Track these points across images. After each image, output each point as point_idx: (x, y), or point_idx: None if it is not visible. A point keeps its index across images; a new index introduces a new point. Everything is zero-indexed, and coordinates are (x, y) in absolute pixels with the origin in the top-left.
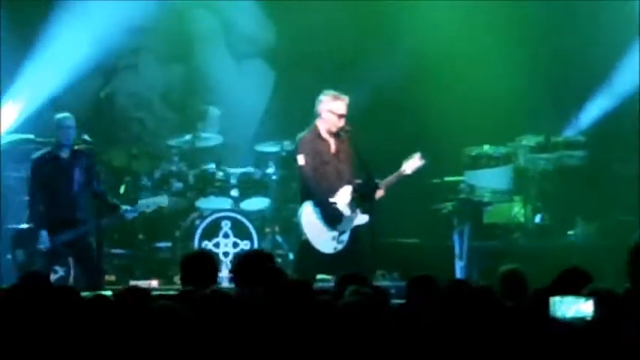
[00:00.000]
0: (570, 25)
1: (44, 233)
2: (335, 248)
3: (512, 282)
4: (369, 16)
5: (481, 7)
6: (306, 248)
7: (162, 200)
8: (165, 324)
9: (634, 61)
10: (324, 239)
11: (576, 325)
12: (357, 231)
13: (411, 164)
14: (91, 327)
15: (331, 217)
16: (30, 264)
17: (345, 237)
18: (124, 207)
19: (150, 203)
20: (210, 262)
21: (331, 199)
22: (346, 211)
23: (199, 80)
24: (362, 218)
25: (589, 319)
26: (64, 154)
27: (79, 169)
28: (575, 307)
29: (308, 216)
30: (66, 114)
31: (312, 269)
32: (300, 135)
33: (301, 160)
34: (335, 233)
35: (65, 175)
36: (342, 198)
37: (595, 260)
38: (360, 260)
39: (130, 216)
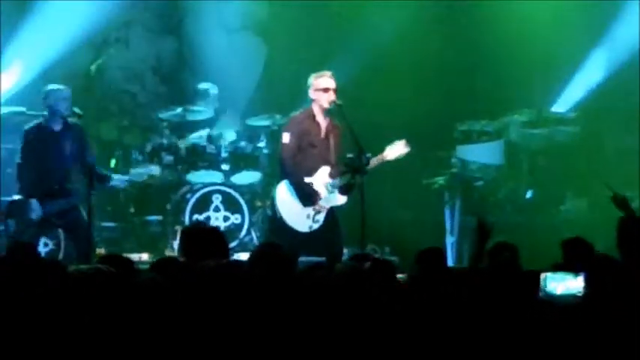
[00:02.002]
0: (561, 3)
1: (34, 202)
2: (310, 227)
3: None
4: None
5: None
6: (279, 226)
7: (155, 170)
8: (150, 296)
9: (625, 32)
10: (298, 217)
11: (566, 302)
12: (334, 212)
13: (395, 150)
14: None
15: (306, 196)
16: (21, 234)
17: (321, 217)
18: (116, 176)
19: (142, 172)
20: (218, 237)
21: (308, 179)
22: (323, 191)
23: (190, 53)
24: (340, 199)
25: (579, 295)
26: (57, 126)
27: (71, 141)
28: (565, 284)
29: (282, 194)
30: (61, 86)
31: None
32: (294, 113)
33: (285, 137)
34: (310, 212)
35: (57, 146)
36: (320, 178)
37: (586, 235)
38: (335, 241)
39: (121, 184)
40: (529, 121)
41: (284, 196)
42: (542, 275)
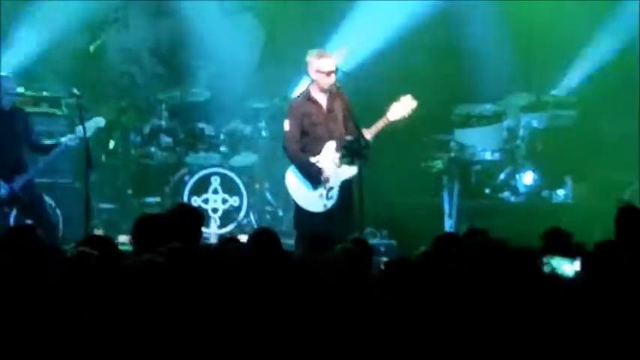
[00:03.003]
0: None
1: (1, 182)
2: (325, 206)
3: None
4: None
5: None
6: (299, 212)
7: (100, 121)
8: (145, 278)
9: (626, 17)
10: (311, 200)
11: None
12: (346, 186)
13: (400, 108)
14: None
15: (314, 177)
16: None
17: (334, 193)
18: (62, 139)
19: (88, 126)
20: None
21: (314, 158)
22: (330, 167)
23: (188, 35)
24: (349, 171)
25: (575, 278)
26: (5, 109)
27: (17, 122)
28: (562, 268)
29: (291, 181)
30: (5, 74)
31: (309, 231)
32: (292, 98)
33: (287, 125)
34: (322, 191)
35: (7, 127)
36: (327, 154)
37: (584, 219)
38: (352, 216)
39: (71, 142)
40: (528, 105)
41: (293, 182)
42: (543, 259)
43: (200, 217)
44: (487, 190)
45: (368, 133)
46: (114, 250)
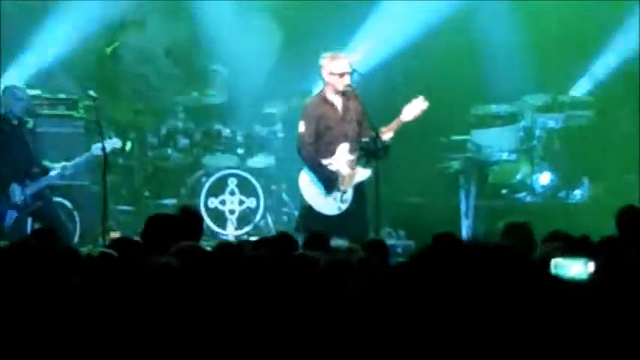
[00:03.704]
0: None
1: (16, 186)
2: (339, 208)
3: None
4: None
5: None
6: (310, 213)
7: (116, 142)
8: (163, 281)
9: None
10: (325, 202)
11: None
12: (360, 188)
13: (412, 109)
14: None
15: (328, 181)
16: (2, 220)
17: (349, 195)
18: (57, 166)
19: (106, 145)
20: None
21: (328, 161)
22: (345, 169)
23: (205, 37)
24: (363, 173)
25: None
26: (14, 120)
27: (28, 133)
28: (575, 269)
29: (305, 183)
30: (19, 85)
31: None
32: (306, 101)
33: (301, 127)
34: (336, 194)
35: (19, 135)
36: (341, 157)
37: (601, 219)
38: (366, 218)
39: (67, 172)
40: (544, 106)
41: (307, 184)
42: (552, 261)
43: (200, 219)
44: (504, 191)
45: (384, 134)
46: (140, 251)
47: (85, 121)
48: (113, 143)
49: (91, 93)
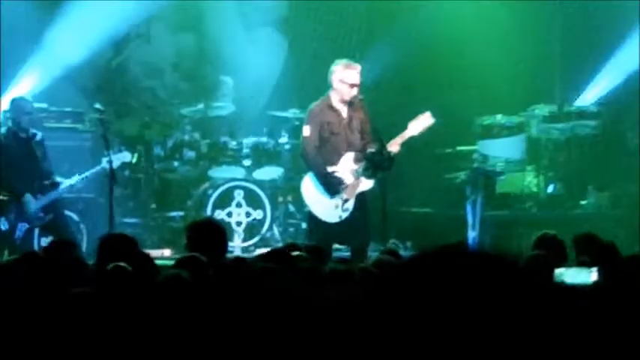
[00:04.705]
0: None
1: (29, 196)
2: (340, 217)
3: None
4: None
5: None
6: (313, 220)
7: (126, 156)
8: (173, 293)
9: None
10: (326, 209)
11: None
12: (362, 198)
13: (419, 124)
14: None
15: (332, 187)
16: (13, 232)
17: (351, 205)
18: (66, 181)
19: (115, 158)
20: (219, 231)
21: (332, 168)
22: (349, 178)
23: (211, 49)
24: (366, 184)
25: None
26: (23, 133)
27: (37, 146)
28: (578, 278)
29: (308, 188)
30: (27, 98)
31: (323, 240)
32: (311, 105)
33: (306, 131)
34: (338, 202)
35: (28, 148)
36: (345, 165)
37: (607, 230)
38: (367, 227)
39: (78, 184)
40: (550, 116)
41: (310, 190)
42: (556, 271)
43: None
44: (510, 201)
45: (391, 147)
46: (151, 266)
47: (92, 134)
48: (123, 157)
49: (98, 106)
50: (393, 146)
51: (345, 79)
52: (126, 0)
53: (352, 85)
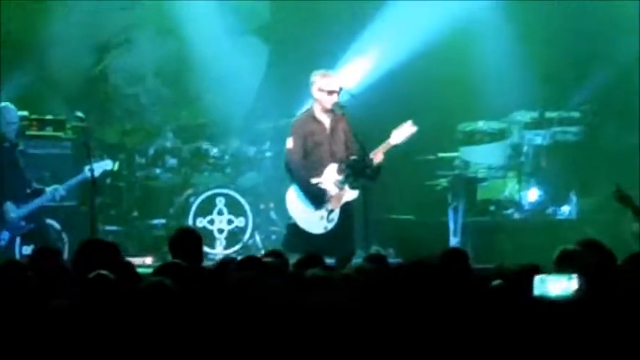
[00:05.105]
0: (567, 2)
1: (10, 203)
2: (325, 227)
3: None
4: None
5: None
6: (294, 231)
7: (109, 164)
8: (156, 300)
9: (630, 36)
10: (311, 220)
11: (560, 303)
12: (347, 208)
13: (401, 133)
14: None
15: (316, 198)
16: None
17: (335, 215)
18: (48, 189)
19: (97, 166)
20: (195, 239)
21: (316, 179)
22: (333, 189)
23: (193, 56)
24: (351, 194)
25: (574, 296)
26: (6, 143)
27: (20, 156)
28: (559, 285)
29: (292, 199)
30: (11, 106)
31: (300, 250)
32: (295, 117)
33: (289, 143)
34: (323, 213)
35: (12, 157)
36: (329, 176)
37: (590, 235)
38: (352, 237)
39: (58, 194)
40: (532, 122)
41: (294, 201)
42: (536, 277)
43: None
44: (492, 207)
45: (375, 156)
46: (132, 273)
47: (73, 142)
48: (105, 165)
49: (79, 114)
50: (377, 155)
51: (323, 87)
52: (107, 5)
53: (331, 92)
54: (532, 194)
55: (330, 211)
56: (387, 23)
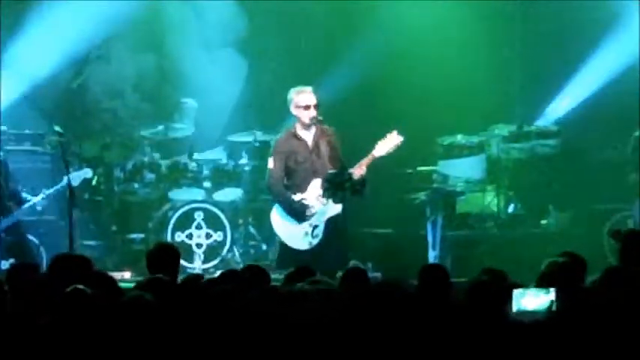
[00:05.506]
0: (543, 15)
1: None
2: (310, 243)
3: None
4: (344, 6)
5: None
6: (283, 249)
7: (87, 172)
8: (137, 314)
9: (609, 49)
10: (296, 237)
11: (536, 318)
12: (331, 223)
13: (386, 144)
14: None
15: (299, 214)
16: None
17: (320, 231)
18: (34, 198)
19: (77, 175)
20: (173, 255)
21: (300, 196)
22: (316, 204)
23: (171, 70)
24: (335, 209)
25: (551, 310)
26: None
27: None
28: (537, 300)
29: (276, 218)
30: None
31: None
32: (277, 136)
33: (270, 163)
34: (307, 228)
35: None
36: (312, 192)
37: (568, 248)
38: (338, 252)
39: (44, 202)
40: (510, 135)
41: (278, 220)
42: (515, 292)
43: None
44: (470, 221)
45: (358, 170)
46: (114, 287)
47: (51, 157)
48: (84, 173)
49: (57, 128)
50: (360, 168)
51: (299, 103)
52: (85, 20)
53: (307, 107)
54: (510, 208)
55: (315, 227)
56: (365, 36)
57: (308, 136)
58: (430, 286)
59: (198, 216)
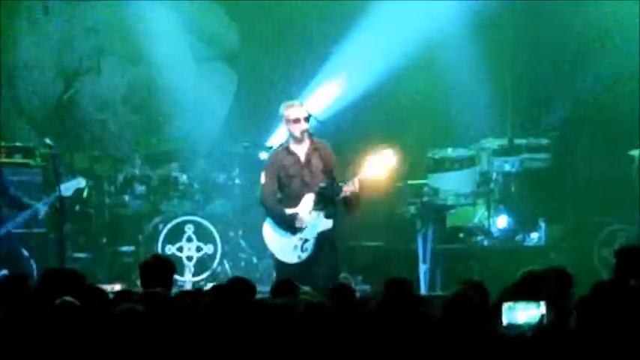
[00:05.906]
0: (534, 30)
1: None
2: (299, 257)
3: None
4: (335, 18)
5: (445, 14)
6: (276, 263)
7: (80, 182)
8: (129, 326)
9: (597, 63)
10: (285, 250)
11: (525, 332)
12: (322, 237)
13: (378, 164)
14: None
15: (289, 226)
16: None
17: (310, 245)
18: (38, 204)
19: (70, 185)
20: (167, 266)
21: (292, 210)
22: (308, 218)
23: (162, 82)
24: (326, 223)
25: (541, 324)
26: None
27: None
28: (527, 313)
29: (267, 232)
30: None
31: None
32: (271, 151)
33: (263, 178)
34: (296, 242)
35: None
36: (304, 206)
37: (559, 262)
38: (328, 266)
39: (45, 208)
40: (500, 149)
41: (269, 233)
42: (505, 305)
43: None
44: (461, 234)
45: (350, 187)
46: (104, 300)
47: (43, 169)
48: (77, 183)
49: (48, 141)
50: (354, 185)
51: (289, 116)
52: (75, 32)
53: (296, 120)
54: (501, 221)
55: (305, 241)
56: (355, 50)
57: (300, 150)
58: (394, 300)
59: (189, 229)
